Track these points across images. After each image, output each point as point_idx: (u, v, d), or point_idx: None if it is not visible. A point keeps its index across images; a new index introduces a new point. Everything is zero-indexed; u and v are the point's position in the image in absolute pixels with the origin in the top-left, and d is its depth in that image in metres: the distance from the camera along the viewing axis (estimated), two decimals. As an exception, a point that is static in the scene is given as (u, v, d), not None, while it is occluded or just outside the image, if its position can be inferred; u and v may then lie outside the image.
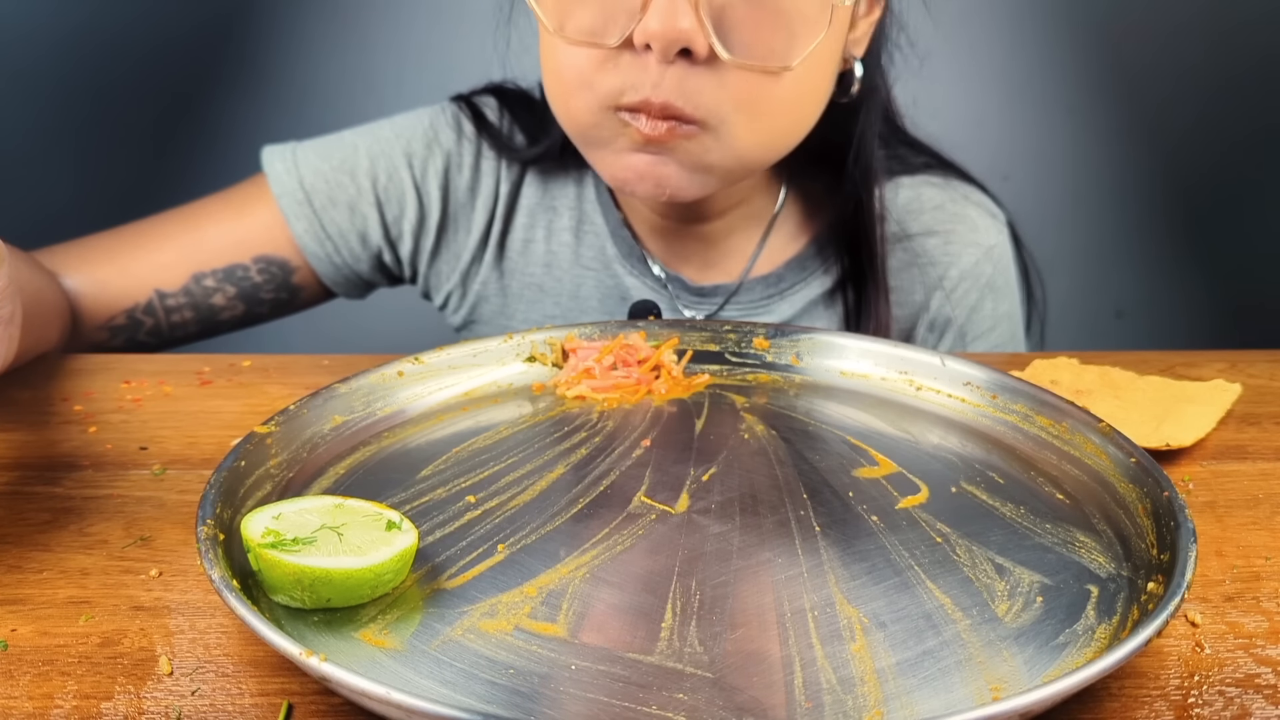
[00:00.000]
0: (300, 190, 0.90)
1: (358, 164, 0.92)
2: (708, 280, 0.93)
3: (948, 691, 0.45)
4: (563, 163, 0.94)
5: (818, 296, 0.93)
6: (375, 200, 0.92)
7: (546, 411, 0.70)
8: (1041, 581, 0.53)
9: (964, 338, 0.94)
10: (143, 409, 0.73)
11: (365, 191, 0.92)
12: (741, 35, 0.73)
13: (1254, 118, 1.45)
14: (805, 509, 0.58)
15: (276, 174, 0.91)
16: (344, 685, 0.42)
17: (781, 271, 0.93)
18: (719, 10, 0.72)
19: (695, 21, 0.71)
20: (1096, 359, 0.80)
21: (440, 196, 0.93)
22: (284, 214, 0.90)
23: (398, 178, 0.92)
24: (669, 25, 0.70)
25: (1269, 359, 0.84)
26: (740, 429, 0.68)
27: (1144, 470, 0.58)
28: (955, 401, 0.70)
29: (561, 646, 0.47)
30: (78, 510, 0.60)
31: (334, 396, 0.65)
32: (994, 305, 0.95)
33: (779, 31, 0.73)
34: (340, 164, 0.92)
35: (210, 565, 0.47)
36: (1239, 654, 0.50)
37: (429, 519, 0.57)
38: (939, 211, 0.94)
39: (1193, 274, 1.55)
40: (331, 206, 0.91)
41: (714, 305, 0.92)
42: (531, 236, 0.94)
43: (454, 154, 0.93)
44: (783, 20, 0.73)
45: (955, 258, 0.93)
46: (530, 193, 0.94)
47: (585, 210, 0.94)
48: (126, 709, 0.45)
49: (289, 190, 0.91)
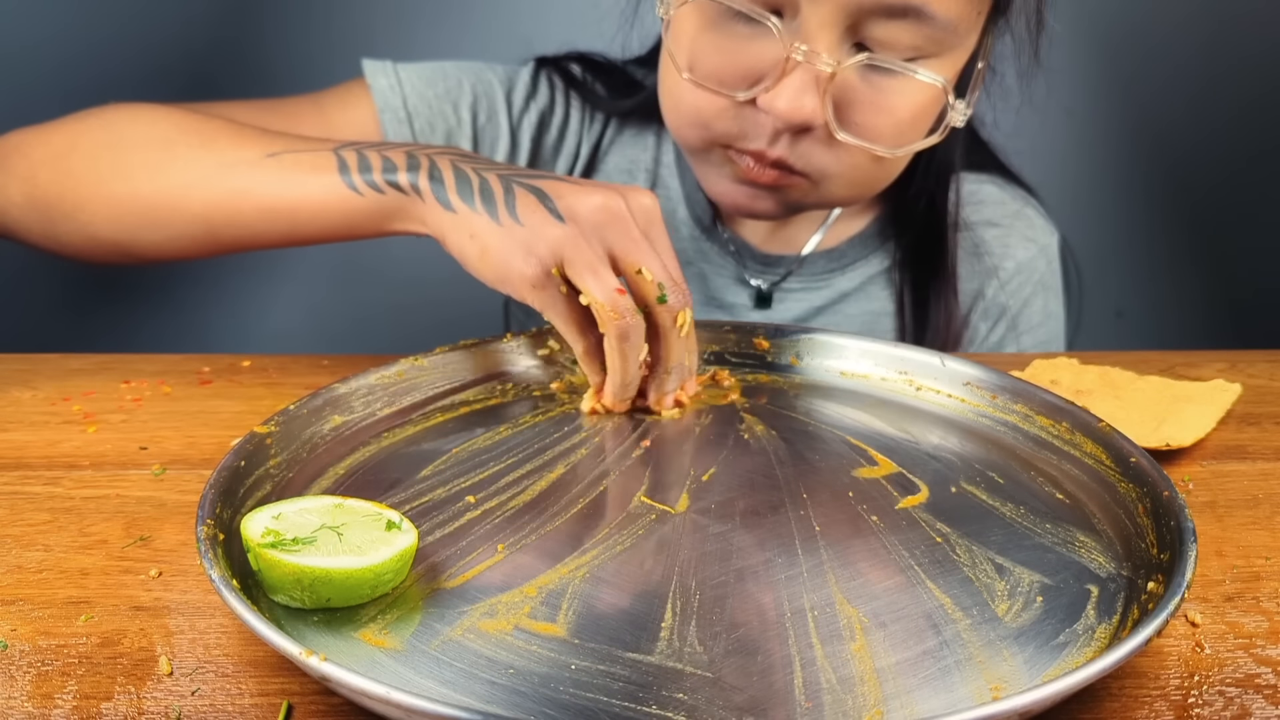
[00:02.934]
0: (404, 109, 0.89)
1: (461, 96, 0.91)
2: (773, 249, 0.95)
3: (948, 691, 0.45)
4: (646, 122, 0.96)
5: (876, 274, 0.96)
6: (472, 136, 0.92)
7: (546, 411, 0.70)
8: (1041, 581, 0.53)
9: (1015, 329, 0.97)
10: (143, 409, 0.73)
11: (465, 125, 0.91)
12: (858, 117, 0.75)
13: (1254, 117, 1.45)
14: (805, 509, 0.58)
15: (380, 88, 0.89)
16: (344, 685, 0.42)
17: (844, 248, 0.95)
18: (840, 93, 0.74)
19: (818, 105, 0.73)
20: (1096, 359, 0.80)
21: (530, 148, 0.93)
22: (383, 129, 0.89)
23: (496, 120, 0.92)
24: (795, 107, 0.73)
25: (1269, 359, 0.84)
26: (740, 429, 0.68)
27: (1144, 470, 0.58)
28: (955, 401, 0.70)
29: (561, 646, 0.47)
30: (78, 510, 0.60)
31: (334, 396, 0.65)
32: (1044, 302, 0.98)
33: (893, 120, 0.76)
34: (445, 93, 0.91)
35: (210, 565, 0.47)
36: (1239, 654, 0.50)
37: (429, 519, 0.57)
38: (1000, 207, 0.98)
39: (1193, 274, 1.55)
40: (430, 132, 0.90)
41: (778, 274, 0.95)
42: None
43: (547, 109, 0.94)
44: (901, 114, 0.76)
45: (1013, 250, 0.97)
46: (609, 156, 0.97)
47: (660, 174, 0.96)
48: (126, 709, 0.45)
49: (392, 107, 0.89)
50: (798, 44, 0.72)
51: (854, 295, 0.95)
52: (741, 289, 0.95)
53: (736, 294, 0.95)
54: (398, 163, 0.69)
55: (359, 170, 0.69)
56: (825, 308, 0.95)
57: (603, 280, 0.64)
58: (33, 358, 0.80)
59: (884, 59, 0.73)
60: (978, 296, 0.96)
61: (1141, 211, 1.53)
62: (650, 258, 0.65)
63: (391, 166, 0.68)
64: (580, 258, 0.64)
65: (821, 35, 0.71)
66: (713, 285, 0.95)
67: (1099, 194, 1.50)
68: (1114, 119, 1.48)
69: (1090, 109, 1.45)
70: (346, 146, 0.71)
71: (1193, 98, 1.46)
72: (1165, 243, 1.55)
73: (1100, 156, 1.51)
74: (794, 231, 0.95)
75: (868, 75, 0.74)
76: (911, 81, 0.74)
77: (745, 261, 0.95)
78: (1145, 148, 1.50)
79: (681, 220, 0.95)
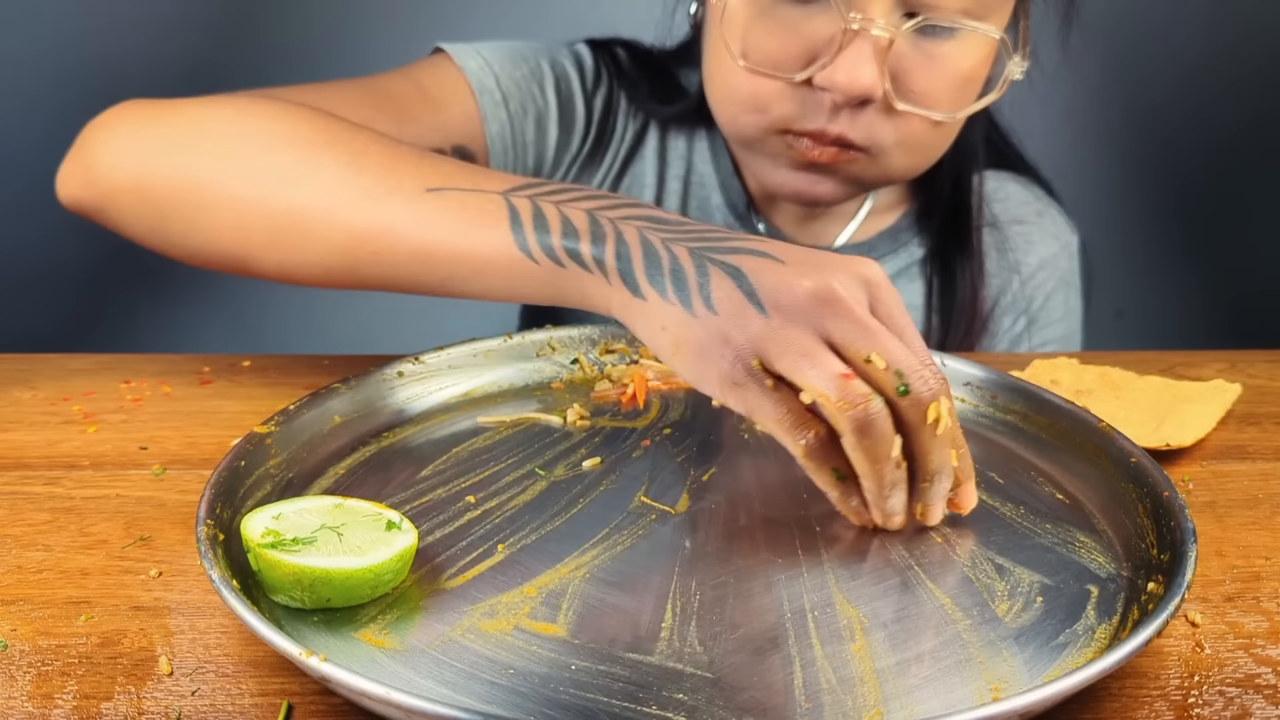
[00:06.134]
0: (499, 91, 0.87)
1: (544, 78, 0.91)
2: (806, 240, 0.95)
3: (948, 691, 0.45)
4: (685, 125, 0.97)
5: (905, 267, 0.96)
6: (558, 118, 0.91)
7: (547, 411, 0.70)
8: (1041, 581, 0.53)
9: (1033, 324, 0.97)
10: (143, 409, 0.73)
11: (552, 107, 0.91)
12: (915, 85, 0.76)
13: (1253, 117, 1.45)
14: (805, 509, 0.58)
15: (473, 69, 0.87)
16: (344, 685, 0.42)
17: (874, 241, 0.96)
18: (896, 62, 0.75)
19: (877, 76, 0.73)
20: (1096, 359, 0.80)
21: (598, 130, 0.93)
22: (482, 111, 0.87)
23: (574, 101, 0.92)
24: (854, 79, 0.73)
25: (1269, 359, 0.84)
26: (740, 429, 0.68)
27: (1144, 470, 0.58)
28: (955, 401, 0.70)
29: (561, 646, 0.47)
30: (78, 510, 0.60)
31: (334, 396, 0.65)
32: (1065, 299, 0.99)
33: (948, 84, 0.77)
34: (530, 74, 0.90)
35: (210, 565, 0.47)
36: (1239, 654, 0.50)
37: (429, 519, 0.57)
38: (1024, 205, 0.99)
39: (1192, 274, 1.55)
40: (523, 115, 0.89)
41: None
42: (645, 183, 0.97)
43: (609, 92, 0.94)
44: (956, 77, 0.77)
45: (1037, 246, 0.97)
46: (651, 141, 0.97)
47: (694, 161, 0.96)
48: (126, 709, 0.45)
49: (488, 89, 0.87)
50: (853, 14, 0.72)
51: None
52: None
53: None
54: (579, 227, 0.59)
55: (534, 229, 0.59)
56: None
57: (822, 366, 0.52)
58: (33, 358, 0.80)
59: (942, 18, 0.74)
60: (1002, 291, 0.97)
61: (1141, 211, 1.53)
62: (883, 342, 0.53)
63: (573, 232, 0.59)
64: (791, 348, 0.53)
65: (875, 4, 0.72)
66: None
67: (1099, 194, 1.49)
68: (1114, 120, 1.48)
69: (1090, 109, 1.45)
70: (517, 191, 0.62)
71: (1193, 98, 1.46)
72: (1165, 243, 1.55)
73: (1100, 157, 1.51)
74: (827, 223, 0.95)
75: (919, 42, 0.75)
76: (963, 43, 0.75)
77: None
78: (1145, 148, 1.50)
79: (716, 206, 0.96)
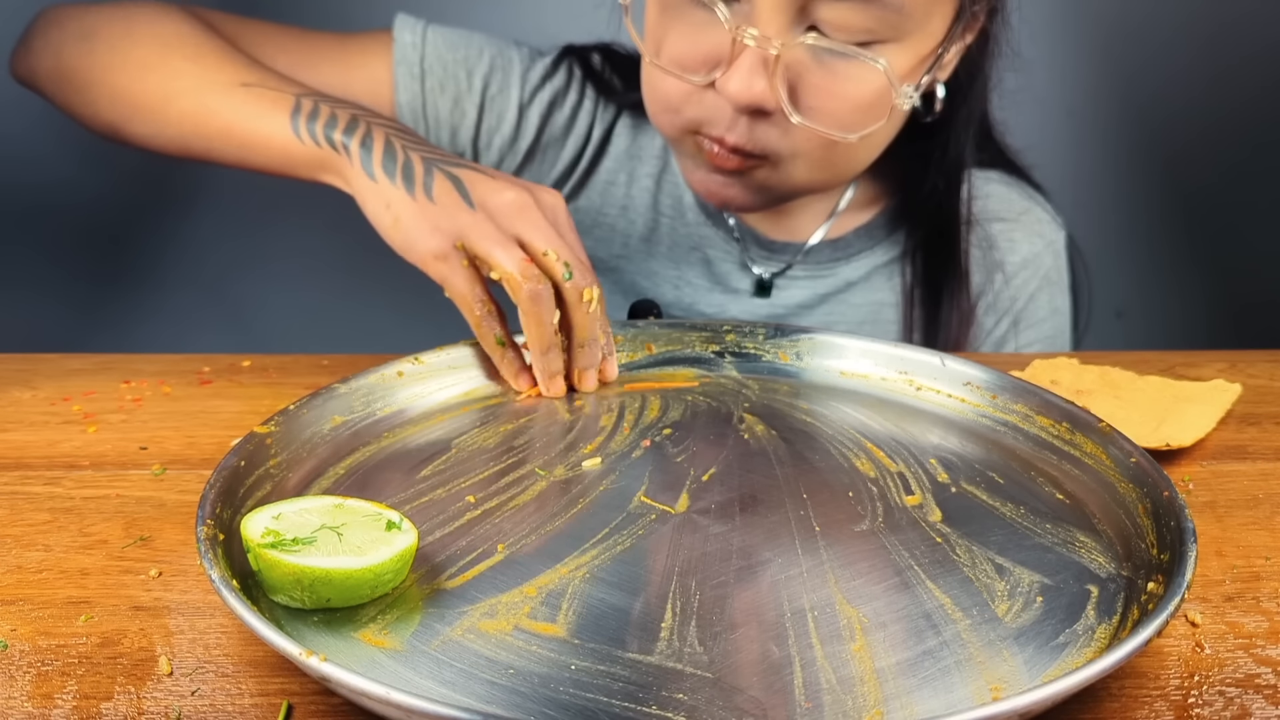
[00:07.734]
0: (419, 66, 0.93)
1: (477, 65, 0.95)
2: (779, 237, 0.96)
3: (948, 691, 0.45)
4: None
5: (881, 265, 0.96)
6: (479, 104, 0.95)
7: (546, 412, 0.70)
8: (1041, 581, 0.53)
9: (1018, 324, 0.97)
10: (143, 409, 0.73)
11: (474, 92, 0.95)
12: (811, 101, 0.76)
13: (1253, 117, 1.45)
14: (805, 509, 0.58)
15: (403, 43, 0.93)
16: (344, 685, 0.42)
17: (850, 238, 0.96)
18: (794, 76, 0.76)
19: (769, 87, 0.75)
20: (1096, 359, 0.80)
21: (537, 126, 0.97)
22: (395, 80, 0.93)
23: (507, 93, 0.96)
24: (744, 89, 0.75)
25: (1269, 359, 0.84)
26: (740, 429, 0.68)
27: (1144, 470, 0.58)
28: (955, 401, 0.70)
29: (561, 646, 0.47)
30: (78, 510, 0.60)
31: (334, 396, 0.65)
32: (1050, 298, 0.99)
33: (846, 104, 0.77)
34: (463, 59, 0.95)
35: (210, 565, 0.47)
36: (1239, 654, 0.50)
37: (429, 519, 0.57)
38: (1007, 203, 0.99)
39: (1192, 274, 1.55)
40: (439, 92, 0.94)
41: (783, 262, 0.96)
42: (614, 180, 0.99)
43: (561, 92, 0.97)
44: (855, 97, 0.77)
45: (1019, 245, 0.97)
46: (620, 141, 0.99)
47: (669, 160, 0.98)
48: (126, 709, 0.45)
49: (409, 62, 0.93)
50: (746, 27, 0.73)
51: (859, 285, 0.96)
52: (745, 275, 0.96)
53: (740, 280, 0.96)
54: (341, 121, 0.75)
55: (308, 118, 0.75)
56: (830, 296, 0.96)
57: (511, 252, 0.68)
58: (33, 358, 0.80)
59: (829, 41, 0.74)
60: (984, 291, 0.97)
61: (1141, 211, 1.53)
62: (556, 242, 0.69)
63: (334, 123, 0.75)
64: (487, 237, 0.68)
65: (772, 18, 0.73)
66: (717, 271, 0.97)
67: (1099, 194, 1.49)
68: (1114, 119, 1.48)
69: (1090, 109, 1.45)
70: (311, 95, 0.77)
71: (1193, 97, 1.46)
72: (1165, 243, 1.55)
73: (1100, 157, 1.50)
74: (800, 220, 0.96)
75: (822, 58, 0.75)
76: (864, 66, 0.75)
77: (749, 248, 0.96)
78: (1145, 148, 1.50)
79: (689, 205, 0.97)
